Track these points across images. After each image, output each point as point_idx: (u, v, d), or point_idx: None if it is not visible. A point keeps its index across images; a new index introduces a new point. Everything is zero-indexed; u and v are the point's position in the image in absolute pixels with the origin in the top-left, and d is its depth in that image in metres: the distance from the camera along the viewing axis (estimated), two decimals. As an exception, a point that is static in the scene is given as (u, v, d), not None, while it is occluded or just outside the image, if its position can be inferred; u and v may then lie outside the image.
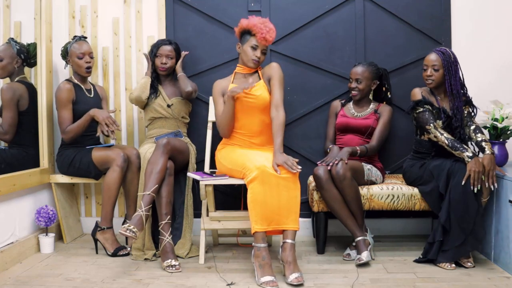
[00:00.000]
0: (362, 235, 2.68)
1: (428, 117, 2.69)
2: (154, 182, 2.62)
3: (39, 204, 3.00)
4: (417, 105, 2.74)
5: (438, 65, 2.70)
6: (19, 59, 3.04)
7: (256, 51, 2.74)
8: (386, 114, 2.96)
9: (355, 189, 2.69)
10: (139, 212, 2.53)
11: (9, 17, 3.26)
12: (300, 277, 2.34)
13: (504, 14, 3.23)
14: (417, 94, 2.76)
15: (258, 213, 2.40)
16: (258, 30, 2.70)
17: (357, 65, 2.99)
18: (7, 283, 2.40)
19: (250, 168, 2.47)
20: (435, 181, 2.65)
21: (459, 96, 2.72)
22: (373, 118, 2.96)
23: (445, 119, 2.72)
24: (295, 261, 2.39)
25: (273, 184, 2.42)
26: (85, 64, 2.99)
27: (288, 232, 2.43)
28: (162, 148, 2.69)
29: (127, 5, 3.31)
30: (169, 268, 2.56)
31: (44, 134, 3.08)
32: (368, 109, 3.01)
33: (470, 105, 2.78)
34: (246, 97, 2.73)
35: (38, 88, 3.08)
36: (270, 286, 2.28)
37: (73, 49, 2.99)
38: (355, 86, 2.95)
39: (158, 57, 3.06)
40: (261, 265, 2.37)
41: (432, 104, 2.73)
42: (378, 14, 3.25)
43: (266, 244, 2.42)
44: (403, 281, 2.38)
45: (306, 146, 3.29)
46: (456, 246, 2.52)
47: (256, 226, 2.40)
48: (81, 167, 2.96)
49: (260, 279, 2.32)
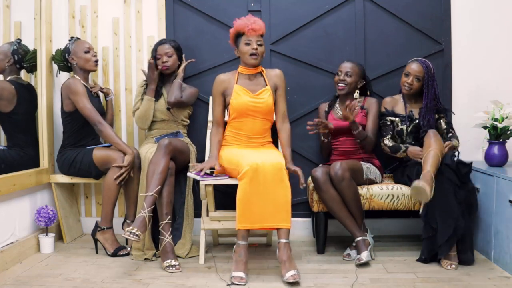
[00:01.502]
0: (361, 235, 2.68)
1: (383, 131, 2.93)
2: (157, 183, 2.62)
3: (39, 204, 3.00)
4: (381, 116, 2.95)
5: (421, 76, 2.85)
6: (11, 59, 3.04)
7: (250, 45, 2.73)
8: (374, 106, 2.97)
9: (354, 189, 2.69)
10: (142, 214, 2.53)
11: (9, 17, 3.26)
12: (296, 274, 2.35)
13: (504, 14, 3.23)
14: (383, 106, 2.97)
15: (242, 211, 2.45)
16: (243, 26, 2.73)
17: (346, 61, 3.00)
18: (7, 283, 2.40)
19: (243, 166, 2.49)
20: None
21: (431, 109, 2.85)
22: (361, 115, 2.96)
23: (409, 123, 2.87)
24: (290, 259, 2.41)
25: (261, 182, 2.45)
26: (93, 58, 3.00)
27: (281, 231, 2.46)
28: (164, 149, 2.69)
29: (127, 5, 3.31)
30: (169, 268, 2.56)
31: (44, 134, 3.08)
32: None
33: (444, 112, 2.91)
34: (254, 101, 2.74)
35: (38, 88, 3.08)
36: (237, 281, 2.36)
37: (77, 46, 2.98)
38: (344, 79, 2.94)
39: (159, 58, 3.06)
40: (236, 261, 2.44)
41: (396, 114, 2.90)
42: (378, 14, 3.25)
43: (246, 242, 2.47)
44: (403, 281, 2.38)
45: (306, 146, 3.29)
46: (449, 236, 2.53)
47: (239, 224, 2.46)
48: (82, 168, 2.96)
49: (232, 273, 2.40)
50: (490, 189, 2.69)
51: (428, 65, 2.85)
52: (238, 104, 2.75)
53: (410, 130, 2.87)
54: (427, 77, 2.84)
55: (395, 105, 2.95)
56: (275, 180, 2.46)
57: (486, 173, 2.75)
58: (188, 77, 3.27)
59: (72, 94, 2.89)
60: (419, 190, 2.42)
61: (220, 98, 2.82)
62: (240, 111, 2.76)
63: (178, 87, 3.01)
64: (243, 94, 2.75)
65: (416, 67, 2.86)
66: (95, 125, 2.87)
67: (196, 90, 3.12)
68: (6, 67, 3.03)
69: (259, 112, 2.76)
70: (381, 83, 3.25)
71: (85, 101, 2.87)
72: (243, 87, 2.77)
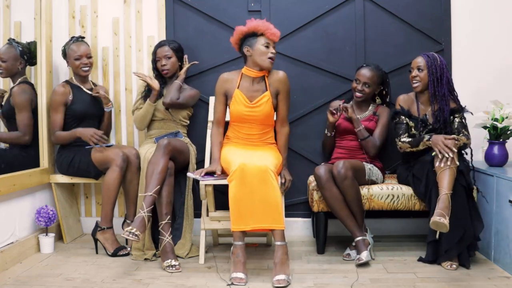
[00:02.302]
0: (361, 235, 2.68)
1: (399, 130, 2.81)
2: (156, 183, 2.62)
3: (39, 204, 3.00)
4: (396, 114, 2.84)
5: (423, 66, 2.76)
6: (22, 60, 3.04)
7: (269, 48, 2.69)
8: (385, 115, 2.98)
9: (356, 189, 2.69)
10: (141, 214, 2.53)
11: (9, 17, 3.26)
12: (283, 280, 2.32)
13: (504, 14, 3.23)
14: (398, 103, 2.87)
15: (234, 213, 2.44)
16: (264, 28, 2.68)
17: (365, 66, 2.96)
18: (7, 283, 2.40)
19: (232, 166, 2.49)
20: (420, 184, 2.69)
21: (444, 99, 2.74)
22: (373, 121, 2.97)
23: (422, 128, 2.78)
24: (282, 263, 2.38)
25: (247, 183, 2.42)
26: (82, 65, 3.02)
27: (275, 232, 2.44)
28: (163, 149, 2.69)
29: (127, 5, 3.31)
30: (169, 268, 2.56)
31: (44, 134, 3.08)
32: (367, 112, 3.02)
33: (461, 112, 2.79)
34: (250, 110, 2.74)
35: (38, 88, 3.08)
36: (237, 282, 2.36)
37: (70, 51, 3.01)
38: (362, 89, 2.94)
39: (158, 61, 3.06)
40: (235, 261, 2.43)
41: (410, 116, 2.81)
42: (378, 14, 3.25)
43: (243, 243, 2.46)
44: (403, 281, 2.38)
45: (306, 146, 3.29)
46: (455, 243, 2.52)
47: (233, 226, 2.45)
48: (81, 167, 2.96)
49: (231, 275, 2.40)
50: (490, 189, 2.69)
51: (431, 55, 2.76)
52: (235, 111, 2.76)
53: (427, 132, 2.78)
54: (430, 65, 2.73)
55: (410, 105, 2.85)
56: (261, 181, 2.42)
57: (486, 173, 2.75)
58: (188, 77, 3.27)
59: (50, 102, 3.03)
60: (439, 225, 2.37)
61: (222, 97, 2.82)
62: (237, 117, 2.77)
63: (177, 88, 3.01)
64: (240, 102, 2.74)
65: (417, 59, 2.80)
66: (51, 135, 3.03)
67: (196, 92, 3.12)
68: (19, 70, 3.04)
69: (255, 120, 2.76)
70: (381, 83, 3.25)
71: (54, 114, 2.99)
72: (243, 93, 2.75)
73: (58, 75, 3.28)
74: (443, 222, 2.33)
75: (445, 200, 2.43)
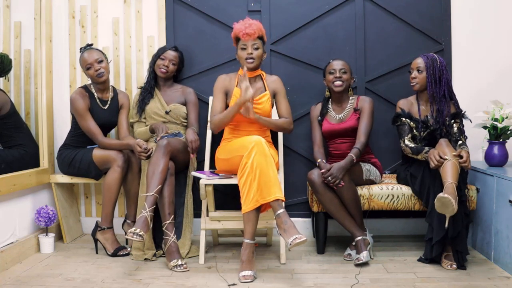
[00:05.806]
0: (361, 235, 2.68)
1: (402, 132, 2.81)
2: (157, 183, 2.62)
3: (39, 204, 3.00)
4: (397, 117, 2.85)
5: (422, 67, 2.76)
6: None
7: (245, 50, 2.78)
8: (367, 106, 2.88)
9: (353, 190, 2.69)
10: (144, 214, 2.52)
11: (9, 17, 3.26)
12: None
13: (504, 14, 3.23)
14: (398, 106, 2.86)
15: (261, 184, 2.44)
16: (239, 31, 2.78)
17: (334, 60, 2.92)
18: (7, 283, 2.41)
19: (248, 144, 2.52)
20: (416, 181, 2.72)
21: (444, 100, 2.74)
22: (355, 118, 2.89)
23: (423, 130, 2.78)
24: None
25: (268, 155, 2.49)
26: (94, 73, 2.92)
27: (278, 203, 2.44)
28: (163, 149, 2.69)
29: (127, 5, 3.31)
30: (176, 267, 2.56)
31: (44, 134, 3.08)
32: (347, 107, 2.92)
33: (460, 118, 2.77)
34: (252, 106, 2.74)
35: (38, 88, 3.08)
36: (244, 280, 2.40)
37: (82, 62, 2.95)
38: (340, 76, 2.85)
39: (162, 59, 3.07)
40: (243, 261, 2.47)
41: (412, 117, 2.81)
42: (378, 14, 3.25)
43: (254, 241, 2.50)
44: (403, 281, 2.38)
45: (306, 146, 3.29)
46: (437, 241, 2.53)
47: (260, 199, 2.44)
48: (81, 167, 2.96)
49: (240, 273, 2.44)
50: (490, 189, 2.69)
51: (431, 56, 2.75)
52: None
53: (424, 137, 2.78)
54: (429, 66, 2.72)
55: (411, 108, 2.84)
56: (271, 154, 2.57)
57: (486, 173, 2.75)
58: (188, 77, 3.27)
59: (74, 111, 2.94)
60: (444, 202, 2.34)
61: (222, 94, 2.85)
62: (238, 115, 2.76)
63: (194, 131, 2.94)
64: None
65: (416, 59, 2.80)
66: (95, 140, 2.91)
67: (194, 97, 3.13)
68: None
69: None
70: (381, 83, 3.25)
71: (85, 120, 2.90)
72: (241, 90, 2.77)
73: (58, 75, 3.27)
74: (448, 197, 2.32)
75: (450, 188, 2.42)
